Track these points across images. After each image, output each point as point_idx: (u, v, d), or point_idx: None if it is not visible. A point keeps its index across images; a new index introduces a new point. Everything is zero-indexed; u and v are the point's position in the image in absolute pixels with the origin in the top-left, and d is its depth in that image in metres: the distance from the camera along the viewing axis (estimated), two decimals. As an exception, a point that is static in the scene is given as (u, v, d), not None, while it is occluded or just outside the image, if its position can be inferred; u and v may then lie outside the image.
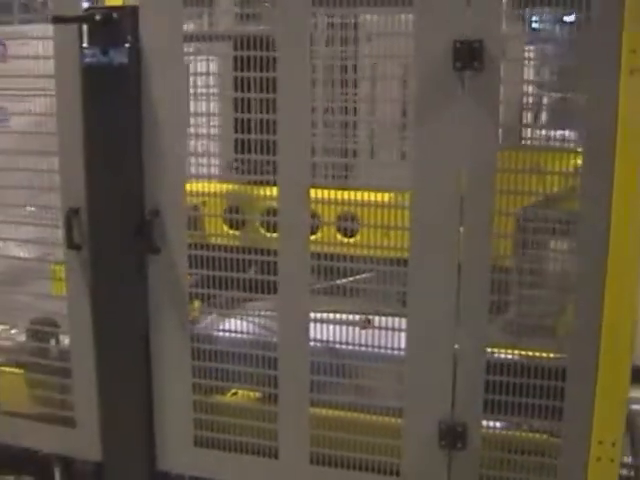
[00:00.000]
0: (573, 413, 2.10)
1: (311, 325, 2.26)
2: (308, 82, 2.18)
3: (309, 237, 2.25)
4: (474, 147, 2.08)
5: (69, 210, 2.37)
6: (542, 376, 2.12)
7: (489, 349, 2.19)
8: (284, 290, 2.26)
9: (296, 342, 2.28)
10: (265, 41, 2.24)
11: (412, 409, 2.24)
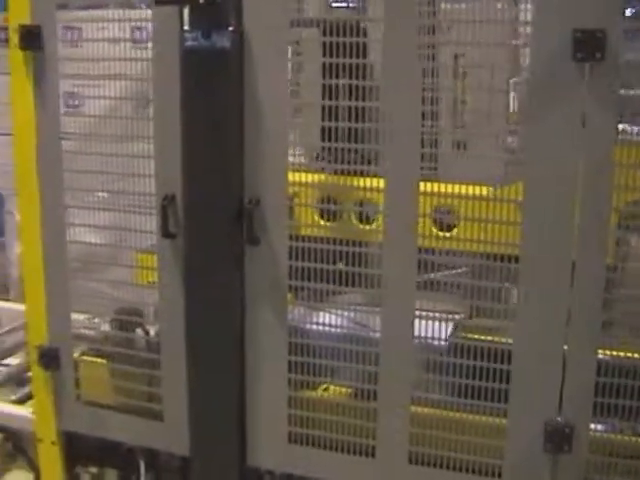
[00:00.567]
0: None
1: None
2: (419, 70, 2.11)
3: (417, 231, 2.17)
4: (592, 141, 2.01)
5: (165, 197, 2.31)
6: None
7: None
8: (388, 284, 2.19)
9: (399, 338, 2.21)
10: (356, 27, 2.18)
11: (517, 409, 2.17)
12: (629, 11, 2.20)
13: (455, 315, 2.35)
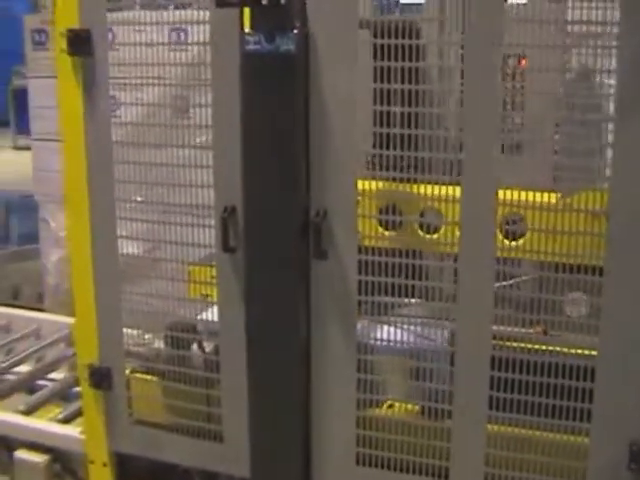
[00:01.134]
0: None
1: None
2: (496, 73, 2.00)
3: (495, 243, 2.06)
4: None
5: (225, 209, 2.19)
6: None
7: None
8: (464, 297, 2.08)
9: (476, 354, 2.10)
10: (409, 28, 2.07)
11: (600, 428, 2.06)
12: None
13: (529, 330, 2.24)
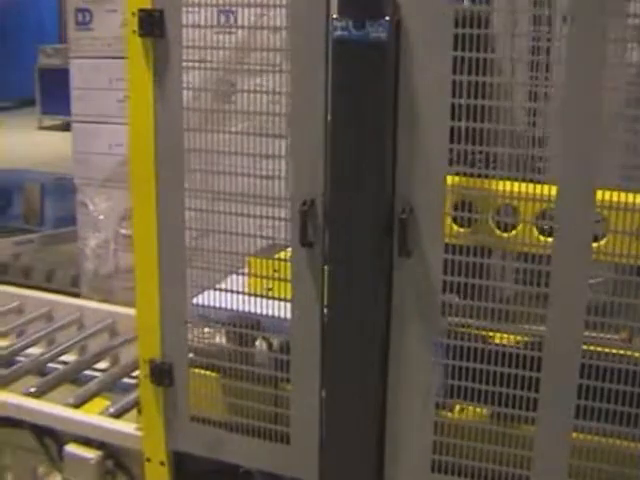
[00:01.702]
0: None
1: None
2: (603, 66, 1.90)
3: (591, 245, 1.98)
4: None
5: (304, 202, 2.10)
6: None
7: None
8: (557, 303, 2.00)
9: (565, 359, 2.01)
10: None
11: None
12: None
13: (614, 335, 2.15)
